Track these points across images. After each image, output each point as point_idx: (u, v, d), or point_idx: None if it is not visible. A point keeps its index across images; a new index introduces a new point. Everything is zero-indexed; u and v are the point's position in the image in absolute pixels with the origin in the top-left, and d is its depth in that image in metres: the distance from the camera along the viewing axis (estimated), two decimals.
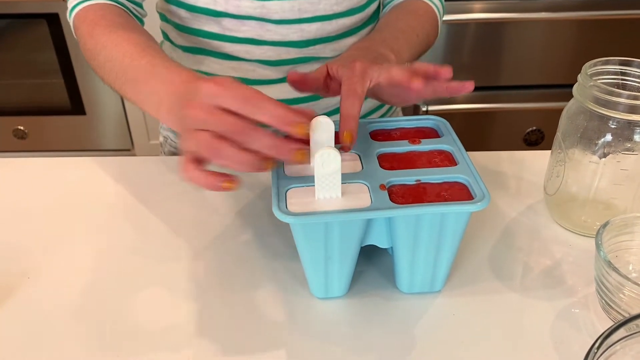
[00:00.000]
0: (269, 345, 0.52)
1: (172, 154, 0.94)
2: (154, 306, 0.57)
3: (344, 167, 0.54)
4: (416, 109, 1.63)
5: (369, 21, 0.83)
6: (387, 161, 0.57)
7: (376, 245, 0.55)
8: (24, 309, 0.56)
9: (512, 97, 1.65)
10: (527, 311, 0.56)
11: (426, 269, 0.55)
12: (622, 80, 0.61)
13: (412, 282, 0.56)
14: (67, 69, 1.86)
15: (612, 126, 0.58)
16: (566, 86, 0.62)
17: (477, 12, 1.51)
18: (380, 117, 0.90)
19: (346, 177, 0.53)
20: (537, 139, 1.71)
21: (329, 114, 0.83)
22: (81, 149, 2.04)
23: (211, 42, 0.78)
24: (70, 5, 0.72)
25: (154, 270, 0.61)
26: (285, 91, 0.81)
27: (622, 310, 0.52)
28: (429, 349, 0.52)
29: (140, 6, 0.77)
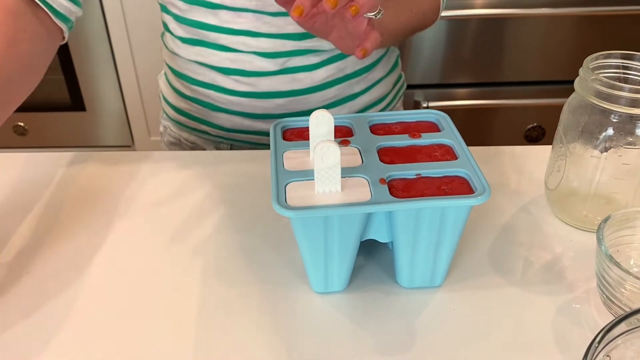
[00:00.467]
0: (268, 340, 0.52)
1: (171, 144, 0.94)
2: (152, 301, 0.56)
3: (344, 161, 0.54)
4: (417, 105, 1.63)
5: None
6: (387, 155, 0.56)
7: (376, 239, 0.55)
8: (22, 305, 0.56)
9: (513, 93, 1.65)
10: (528, 306, 0.56)
11: (426, 263, 0.55)
12: (624, 74, 0.61)
13: (412, 276, 0.56)
14: (67, 65, 1.86)
15: (614, 120, 0.58)
16: (567, 82, 0.62)
17: (478, 8, 1.51)
18: (380, 111, 0.90)
19: (346, 171, 0.53)
20: (538, 135, 1.71)
21: (326, 107, 0.83)
22: (81, 145, 2.04)
23: (208, 34, 0.78)
24: None
25: (152, 265, 0.61)
26: (282, 83, 0.81)
27: (623, 304, 0.52)
28: (429, 344, 0.52)
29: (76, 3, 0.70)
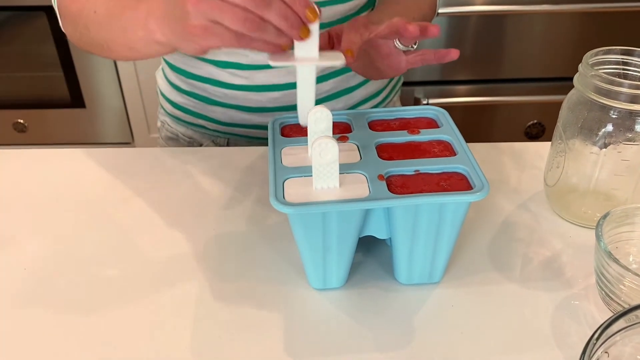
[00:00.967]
0: (266, 336, 0.52)
1: (168, 139, 0.94)
2: (150, 296, 0.56)
3: (342, 157, 0.54)
4: (416, 102, 1.62)
5: (364, 8, 0.82)
6: (386, 151, 0.56)
7: (374, 236, 0.55)
8: (21, 301, 0.56)
9: (513, 90, 1.64)
10: (527, 303, 0.55)
11: (425, 259, 0.55)
12: (624, 70, 0.61)
13: (411, 273, 0.56)
14: (66, 61, 1.85)
15: (613, 116, 0.57)
16: (567, 79, 0.62)
17: (478, 5, 1.50)
18: (376, 105, 0.89)
19: (344, 167, 0.53)
20: (538, 132, 1.71)
21: (322, 101, 0.83)
22: (81, 142, 2.04)
23: None
24: None
25: (151, 260, 0.60)
26: (277, 76, 0.80)
27: (622, 301, 0.51)
28: (428, 340, 0.52)
29: None
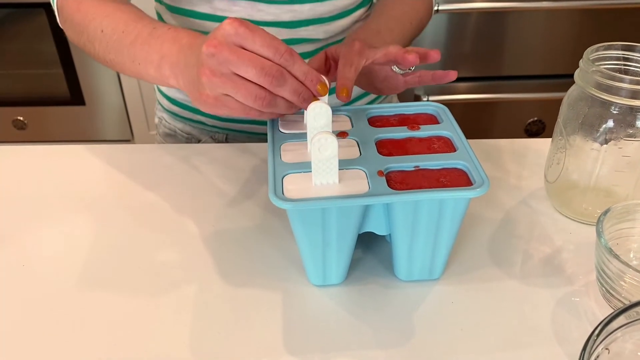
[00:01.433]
0: (265, 332, 0.52)
1: (166, 135, 0.94)
2: (149, 292, 0.56)
3: (342, 153, 0.53)
4: (417, 99, 1.62)
5: (363, 2, 0.82)
6: (386, 147, 0.56)
7: (374, 232, 0.54)
8: (19, 298, 0.56)
9: (513, 88, 1.64)
10: (527, 299, 0.55)
11: (425, 256, 0.55)
12: (625, 65, 0.60)
13: (411, 269, 0.56)
14: (66, 59, 1.85)
15: (614, 112, 0.57)
16: (568, 76, 0.61)
17: (479, 2, 1.50)
18: (374, 100, 0.89)
19: (344, 163, 0.52)
20: (538, 129, 1.70)
21: None
22: (81, 140, 2.03)
23: (203, 23, 0.77)
24: None
25: (150, 256, 0.60)
26: None
27: (622, 297, 0.51)
28: (428, 337, 0.52)
29: None
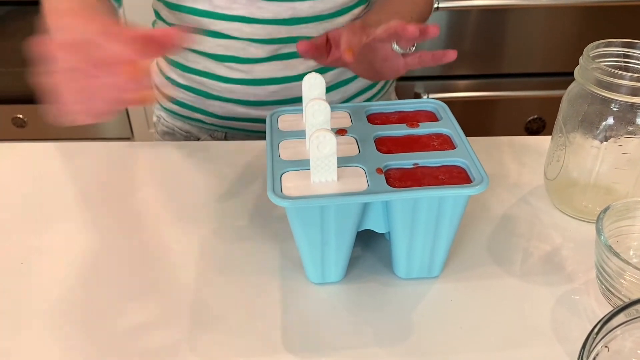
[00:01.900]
0: (264, 330, 0.52)
1: (164, 134, 0.94)
2: (148, 289, 0.56)
3: (340, 150, 0.53)
4: (417, 96, 1.62)
5: (361, 1, 0.81)
6: (385, 145, 0.56)
7: (373, 230, 0.54)
8: (18, 295, 0.56)
9: (513, 85, 1.63)
10: (527, 297, 0.55)
11: (424, 254, 0.54)
12: (625, 62, 0.60)
13: (410, 267, 0.56)
14: None
15: (614, 109, 0.57)
16: (568, 74, 0.61)
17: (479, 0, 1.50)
18: (372, 97, 0.89)
19: (342, 161, 0.52)
20: (538, 127, 1.70)
21: None
22: (80, 137, 2.03)
23: (201, 20, 0.77)
24: None
25: (149, 254, 0.60)
26: (276, 70, 0.80)
27: (622, 295, 0.51)
28: (427, 335, 0.51)
29: None
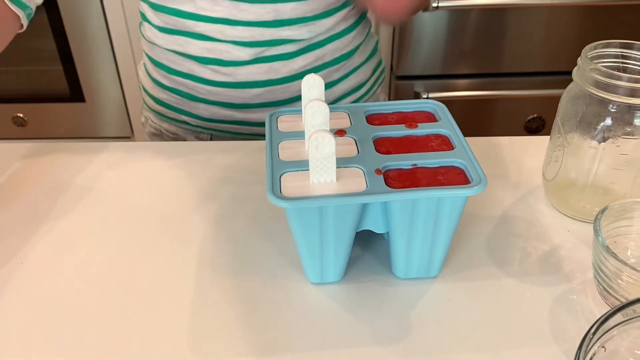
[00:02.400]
0: (262, 330, 0.52)
1: (153, 135, 0.94)
2: (147, 289, 0.56)
3: (339, 151, 0.53)
4: (416, 96, 1.62)
5: (348, 1, 0.81)
6: (383, 145, 0.56)
7: (372, 230, 0.55)
8: (18, 295, 0.56)
9: (513, 84, 1.64)
10: (525, 297, 0.55)
11: (422, 254, 0.55)
12: (623, 63, 0.60)
13: (408, 267, 0.56)
14: (66, 56, 1.85)
15: (612, 110, 0.57)
16: (568, 73, 0.61)
17: None
18: (359, 99, 0.90)
19: (341, 162, 0.52)
20: (538, 126, 1.70)
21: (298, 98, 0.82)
22: (81, 137, 2.03)
23: (185, 22, 0.76)
24: None
25: (148, 254, 0.60)
26: (259, 72, 0.79)
27: (619, 296, 0.51)
28: (425, 335, 0.52)
29: None
